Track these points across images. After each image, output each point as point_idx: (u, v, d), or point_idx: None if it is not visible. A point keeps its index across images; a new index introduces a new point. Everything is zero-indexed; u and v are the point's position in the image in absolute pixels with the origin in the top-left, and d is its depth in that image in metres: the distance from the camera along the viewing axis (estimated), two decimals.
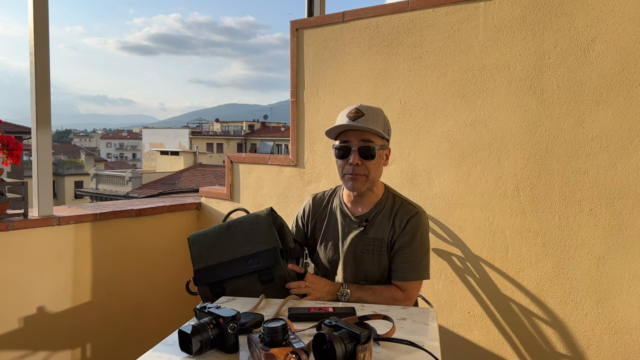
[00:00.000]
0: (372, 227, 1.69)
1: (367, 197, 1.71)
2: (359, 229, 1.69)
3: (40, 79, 2.24)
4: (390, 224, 1.67)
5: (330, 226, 1.78)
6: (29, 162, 15.56)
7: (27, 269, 2.21)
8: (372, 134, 1.61)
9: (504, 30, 2.04)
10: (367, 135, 1.61)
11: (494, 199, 2.09)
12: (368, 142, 1.61)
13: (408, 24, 2.28)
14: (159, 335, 1.37)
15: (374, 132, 1.60)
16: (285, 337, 1.06)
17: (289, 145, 2.75)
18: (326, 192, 1.86)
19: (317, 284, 1.60)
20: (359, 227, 1.70)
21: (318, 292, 1.59)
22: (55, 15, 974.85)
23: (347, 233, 1.72)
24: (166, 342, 1.23)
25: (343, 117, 1.65)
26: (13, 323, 2.18)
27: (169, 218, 2.80)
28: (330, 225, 1.77)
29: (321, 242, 1.79)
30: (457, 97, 2.16)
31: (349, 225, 1.72)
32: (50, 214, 2.31)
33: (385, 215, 1.69)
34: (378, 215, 1.69)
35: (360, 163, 1.61)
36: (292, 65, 2.69)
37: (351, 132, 1.63)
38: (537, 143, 1.98)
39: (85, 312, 2.43)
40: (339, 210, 1.76)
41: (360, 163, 1.61)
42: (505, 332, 2.09)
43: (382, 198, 1.72)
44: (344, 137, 1.64)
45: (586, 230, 1.90)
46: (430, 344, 1.20)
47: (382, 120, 1.65)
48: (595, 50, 1.86)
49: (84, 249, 2.41)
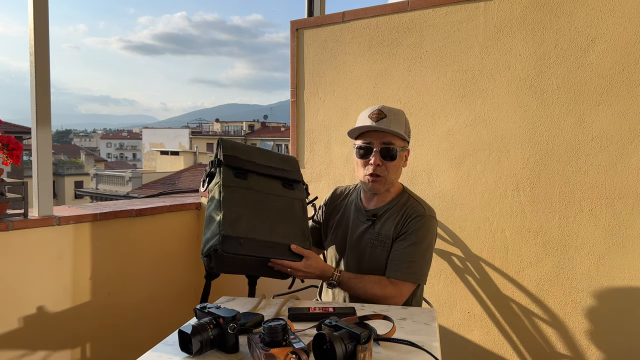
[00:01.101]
0: (379, 222, 1.71)
1: (382, 195, 1.73)
2: (367, 222, 1.73)
3: (40, 78, 2.23)
4: (397, 220, 1.69)
5: (343, 218, 1.82)
6: (29, 162, 15.56)
7: (27, 268, 2.21)
8: (393, 135, 1.63)
9: (504, 30, 2.04)
10: (389, 137, 1.64)
11: (494, 199, 2.09)
12: (389, 143, 1.64)
13: (408, 24, 2.28)
14: (159, 335, 1.37)
15: (397, 134, 1.63)
16: (285, 337, 1.05)
17: (289, 145, 2.75)
18: (349, 187, 1.92)
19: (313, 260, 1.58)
20: (367, 221, 1.73)
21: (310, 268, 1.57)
22: (58, 15, 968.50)
23: (356, 226, 1.76)
24: (166, 342, 1.23)
25: (365, 117, 1.67)
26: (13, 323, 2.18)
27: (169, 218, 2.80)
28: (344, 216, 1.82)
29: (333, 232, 1.83)
30: (457, 97, 2.16)
31: (359, 219, 1.76)
32: (50, 214, 2.31)
33: (394, 212, 1.71)
34: (388, 211, 1.72)
35: (381, 164, 1.64)
36: (292, 65, 2.69)
37: (373, 133, 1.65)
38: (537, 143, 1.98)
39: (85, 312, 2.42)
40: (354, 204, 1.81)
41: (381, 164, 1.64)
42: (505, 332, 2.09)
43: (397, 197, 1.74)
44: (366, 137, 1.67)
45: (586, 230, 1.89)
46: (431, 344, 1.20)
47: (404, 123, 1.68)
48: (595, 50, 1.86)
49: (84, 249, 2.41)
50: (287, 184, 1.71)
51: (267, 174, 1.67)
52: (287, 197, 1.68)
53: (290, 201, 1.68)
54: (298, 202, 1.69)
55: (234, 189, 1.59)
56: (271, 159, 1.73)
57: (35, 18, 2.20)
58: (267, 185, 1.66)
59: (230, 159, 1.63)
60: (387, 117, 1.63)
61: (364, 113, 1.69)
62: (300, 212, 1.68)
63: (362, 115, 1.70)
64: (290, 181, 1.72)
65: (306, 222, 1.68)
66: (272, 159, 1.74)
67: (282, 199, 1.66)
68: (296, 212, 1.67)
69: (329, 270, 1.62)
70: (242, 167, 1.63)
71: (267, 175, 1.67)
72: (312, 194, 2.58)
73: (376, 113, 1.65)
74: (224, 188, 1.57)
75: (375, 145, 1.64)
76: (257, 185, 1.64)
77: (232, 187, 1.58)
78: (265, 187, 1.65)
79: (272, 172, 1.69)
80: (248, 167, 1.65)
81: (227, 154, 1.63)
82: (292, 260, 1.55)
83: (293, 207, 1.67)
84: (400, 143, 1.66)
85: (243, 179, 1.62)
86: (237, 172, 1.62)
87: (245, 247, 1.49)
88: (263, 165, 1.68)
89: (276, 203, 1.64)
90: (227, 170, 1.61)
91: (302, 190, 1.75)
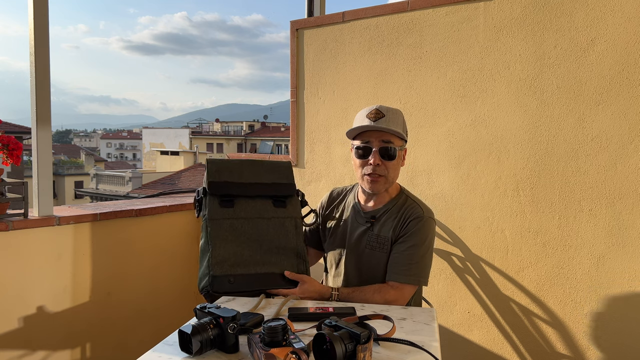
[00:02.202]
0: (378, 224, 1.70)
1: (380, 196, 1.72)
2: (365, 225, 1.72)
3: (40, 78, 2.23)
4: (395, 222, 1.68)
5: (341, 220, 1.81)
6: (29, 162, 15.55)
7: (27, 268, 2.21)
8: (392, 134, 1.63)
9: (504, 30, 2.04)
10: (388, 136, 1.63)
11: (494, 199, 2.09)
12: (388, 142, 1.63)
13: (408, 24, 2.28)
14: (159, 335, 1.37)
15: (395, 134, 1.62)
16: (285, 337, 1.05)
17: (289, 146, 2.76)
18: (346, 188, 1.90)
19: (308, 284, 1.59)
20: (365, 223, 1.72)
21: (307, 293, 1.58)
22: (58, 15, 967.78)
23: (354, 228, 1.75)
24: (166, 342, 1.23)
25: (363, 117, 1.66)
26: (13, 323, 2.18)
27: (169, 218, 2.80)
28: (342, 218, 1.81)
29: (331, 235, 1.82)
30: (457, 97, 2.16)
31: (357, 221, 1.75)
32: (51, 214, 2.31)
33: (393, 214, 1.70)
34: (386, 213, 1.71)
35: (380, 163, 1.63)
36: (292, 65, 2.69)
37: (372, 133, 1.64)
38: (537, 143, 1.98)
39: (85, 312, 2.42)
40: (352, 206, 1.80)
41: (381, 163, 1.63)
42: (505, 332, 2.09)
43: (395, 198, 1.73)
44: (365, 137, 1.66)
45: (586, 230, 1.90)
46: (431, 344, 1.20)
47: (402, 122, 1.68)
48: (595, 50, 1.86)
49: (84, 249, 2.41)
50: (279, 201, 1.66)
51: (256, 195, 1.63)
52: (279, 217, 1.64)
53: (281, 221, 1.63)
54: (290, 221, 1.65)
55: (221, 221, 1.57)
56: (261, 172, 1.68)
57: (35, 18, 2.20)
58: (256, 209, 1.62)
59: (215, 187, 1.61)
60: (385, 116, 1.62)
61: (362, 113, 1.68)
62: (292, 231, 1.64)
63: (360, 115, 1.68)
64: (282, 197, 1.67)
65: (300, 239, 1.65)
66: (263, 172, 1.69)
67: (273, 221, 1.62)
68: (288, 232, 1.63)
69: (326, 291, 1.60)
70: (229, 194, 1.61)
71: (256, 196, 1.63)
72: (312, 194, 2.59)
73: (374, 112, 1.64)
74: (210, 222, 1.57)
75: (374, 144, 1.63)
76: (244, 211, 1.60)
77: (218, 220, 1.58)
78: (254, 211, 1.61)
79: (261, 192, 1.64)
80: (235, 191, 1.61)
81: (212, 181, 1.61)
82: (287, 287, 1.56)
83: (285, 228, 1.63)
84: (399, 142, 1.66)
85: (229, 208, 1.60)
86: (223, 200, 1.60)
87: (236, 284, 1.52)
88: (252, 185, 1.64)
89: (267, 227, 1.61)
90: (213, 201, 1.60)
91: (296, 204, 1.70)
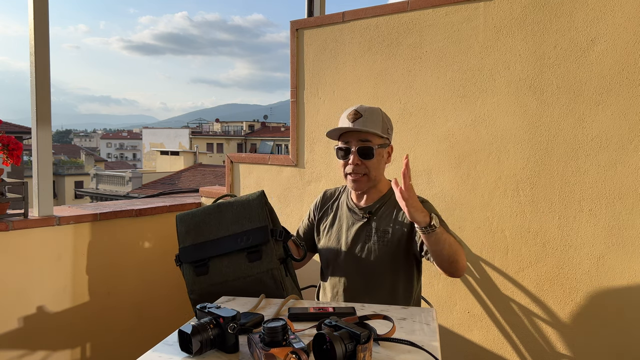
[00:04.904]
0: (375, 218, 1.74)
1: (371, 192, 1.77)
2: (362, 220, 1.76)
3: (40, 78, 2.24)
4: (395, 212, 1.72)
5: (335, 218, 1.84)
6: (29, 162, 15.55)
7: (27, 268, 2.21)
8: (370, 134, 1.67)
9: (504, 30, 2.04)
10: (366, 135, 1.67)
11: (494, 199, 2.09)
12: (366, 141, 1.68)
13: (408, 24, 2.28)
14: (159, 335, 1.37)
15: (372, 133, 1.67)
16: (285, 337, 1.06)
17: (289, 146, 2.76)
18: (338, 188, 1.94)
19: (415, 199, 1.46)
20: (362, 218, 1.76)
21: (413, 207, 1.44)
22: (58, 14, 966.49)
23: (351, 224, 1.78)
24: (166, 342, 1.23)
25: (344, 119, 1.72)
26: (13, 323, 2.18)
27: (169, 218, 2.80)
28: (336, 217, 1.84)
29: (326, 233, 1.85)
30: (457, 97, 2.16)
31: (353, 217, 1.79)
32: (51, 214, 2.31)
33: (389, 207, 1.74)
34: (382, 207, 1.75)
35: (360, 163, 1.68)
36: (292, 65, 2.69)
37: (351, 134, 1.70)
38: (537, 143, 1.98)
39: (85, 312, 2.43)
40: (345, 204, 1.83)
41: (360, 163, 1.68)
42: (505, 332, 2.09)
43: (387, 193, 1.78)
44: (345, 138, 1.72)
45: (586, 230, 1.90)
46: (430, 344, 1.20)
47: (380, 120, 1.70)
48: (595, 50, 1.86)
49: (84, 249, 2.41)
50: (253, 252, 1.59)
51: (228, 251, 1.59)
52: (254, 275, 1.58)
53: (258, 278, 1.57)
54: (267, 275, 1.58)
55: (199, 292, 1.60)
56: (230, 219, 1.62)
57: (35, 18, 2.20)
58: (231, 269, 1.59)
59: (186, 253, 1.62)
60: (362, 116, 1.67)
61: (344, 114, 1.73)
62: (272, 285, 1.58)
63: (342, 117, 1.74)
64: (255, 248, 1.59)
65: (284, 286, 1.60)
66: (232, 219, 1.62)
67: (250, 279, 1.58)
68: (268, 287, 1.58)
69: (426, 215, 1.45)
70: (200, 258, 1.60)
71: (229, 252, 1.59)
72: (312, 194, 2.58)
73: (352, 114, 1.69)
74: (190, 294, 1.61)
75: (352, 145, 1.68)
76: (220, 275, 1.59)
77: (196, 291, 1.60)
78: (229, 272, 1.58)
79: (234, 247, 1.59)
80: (206, 253, 1.60)
81: (182, 247, 1.63)
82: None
83: (263, 283, 1.58)
84: (378, 141, 1.69)
85: (205, 274, 1.60)
86: (198, 266, 1.60)
87: None
88: (222, 239, 1.60)
89: (245, 286, 1.58)
90: (188, 269, 1.62)
91: (272, 250, 1.59)
